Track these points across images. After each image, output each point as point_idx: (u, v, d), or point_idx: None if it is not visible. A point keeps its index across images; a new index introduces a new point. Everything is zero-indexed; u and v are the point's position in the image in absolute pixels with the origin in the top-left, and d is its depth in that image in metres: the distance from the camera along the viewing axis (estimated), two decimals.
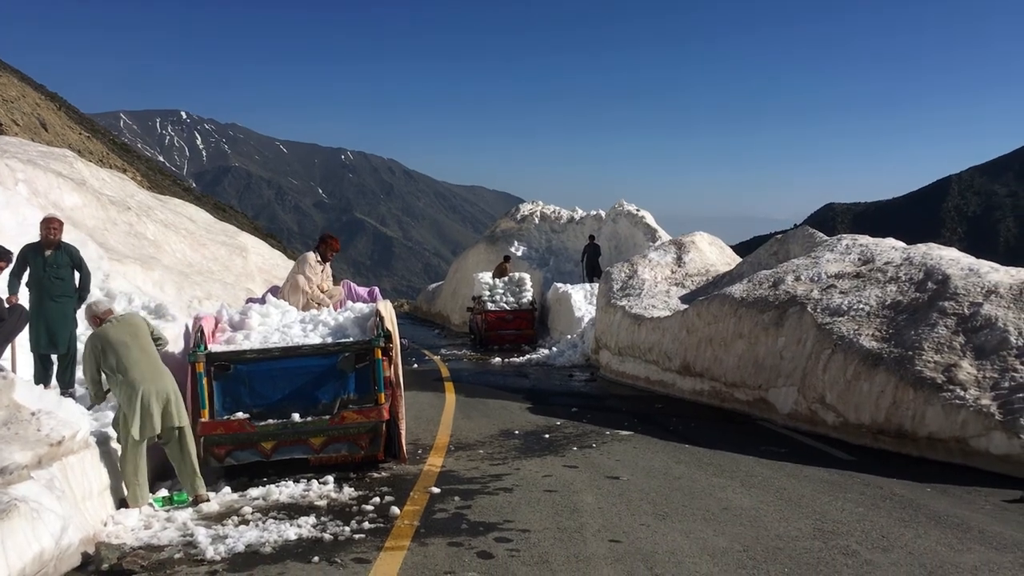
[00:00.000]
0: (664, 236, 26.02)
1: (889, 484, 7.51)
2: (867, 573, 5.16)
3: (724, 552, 5.62)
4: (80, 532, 5.77)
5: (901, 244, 12.52)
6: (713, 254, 19.40)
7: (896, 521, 6.32)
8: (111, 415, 7.79)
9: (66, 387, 8.70)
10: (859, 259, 12.06)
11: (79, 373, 9.18)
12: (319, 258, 10.19)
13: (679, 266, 18.46)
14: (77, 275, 9.00)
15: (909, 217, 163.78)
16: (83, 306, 8.16)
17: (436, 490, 7.46)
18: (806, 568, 5.27)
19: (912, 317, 9.89)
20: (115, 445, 7.17)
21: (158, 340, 7.59)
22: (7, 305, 7.97)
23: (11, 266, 8.42)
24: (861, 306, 10.55)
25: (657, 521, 6.41)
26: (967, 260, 10.96)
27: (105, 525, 6.43)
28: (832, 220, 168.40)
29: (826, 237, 14.25)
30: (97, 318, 7.47)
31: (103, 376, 7.32)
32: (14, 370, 7.89)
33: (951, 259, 10.94)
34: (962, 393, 8.46)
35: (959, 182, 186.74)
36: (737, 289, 12.86)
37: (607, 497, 7.17)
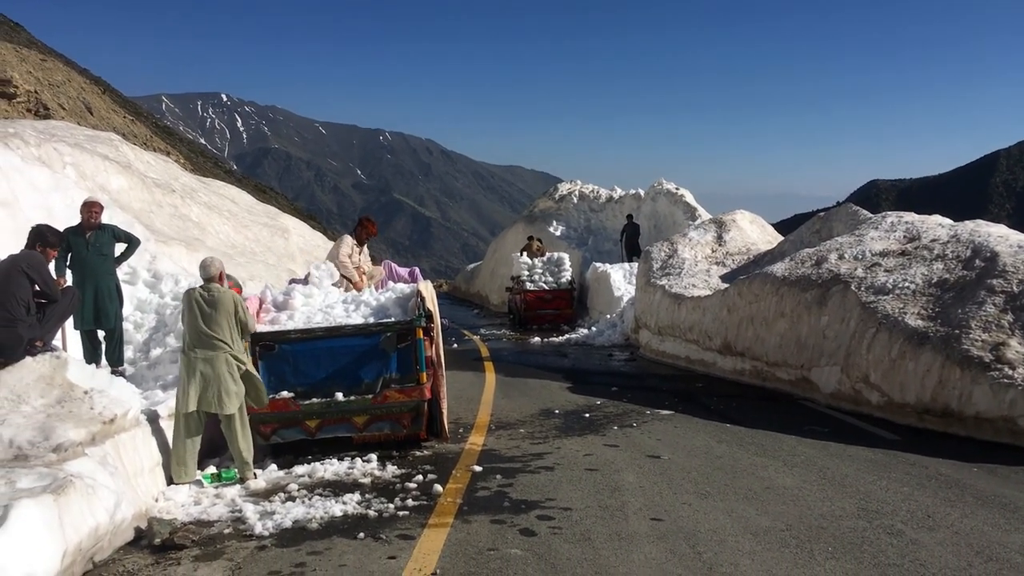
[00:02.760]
0: (704, 215, 25.80)
1: (935, 464, 7.43)
2: (912, 552, 5.13)
3: (767, 531, 5.61)
4: (133, 507, 5.92)
5: (948, 221, 12.30)
6: (754, 232, 19.20)
7: (942, 501, 6.26)
8: (160, 394, 7.96)
9: (115, 365, 8.90)
10: (904, 236, 11.88)
11: (128, 352, 9.40)
12: (355, 241, 10.33)
13: (719, 245, 18.30)
14: (122, 247, 9.20)
15: (956, 193, 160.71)
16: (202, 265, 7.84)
17: (478, 468, 7.53)
18: (850, 547, 5.25)
19: (959, 295, 9.73)
20: (164, 423, 7.32)
21: (243, 326, 7.56)
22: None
23: None
24: (906, 284, 10.40)
25: (699, 500, 6.41)
26: (1016, 237, 10.74)
27: (156, 501, 6.59)
28: (876, 197, 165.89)
29: (870, 214, 14.03)
30: (209, 278, 7.53)
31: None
32: (64, 350, 8.08)
33: (999, 236, 10.74)
34: (1010, 372, 8.32)
35: (1008, 157, 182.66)
36: (779, 268, 12.74)
37: (648, 476, 7.19)
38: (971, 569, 4.83)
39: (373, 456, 7.99)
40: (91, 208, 9.00)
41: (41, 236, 7.38)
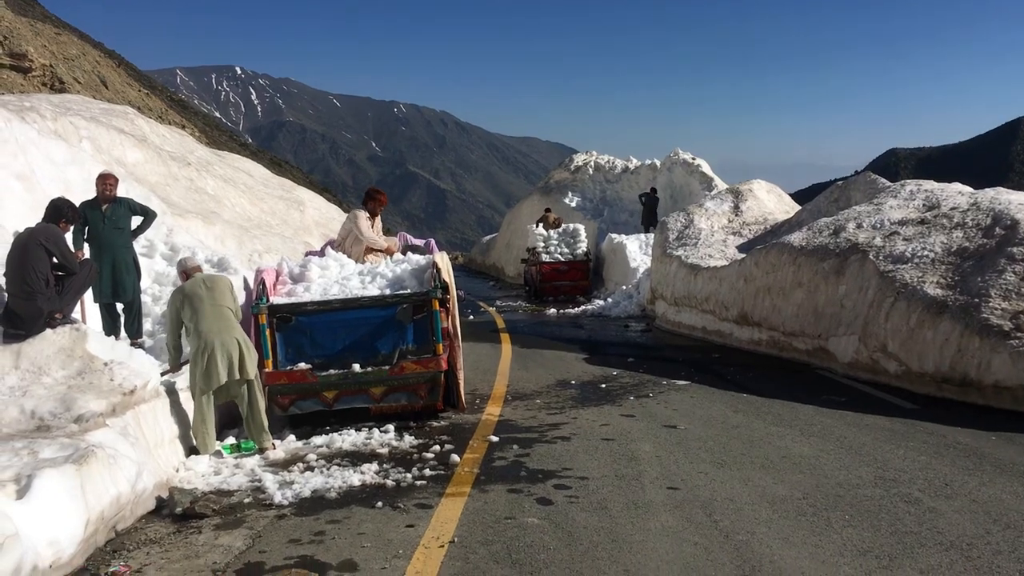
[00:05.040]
0: (720, 185, 25.63)
1: (953, 433, 7.40)
2: (930, 520, 5.12)
3: (784, 499, 5.62)
4: (154, 477, 5.99)
5: (968, 189, 12.17)
6: (771, 202, 19.06)
7: (960, 469, 6.24)
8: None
9: (135, 337, 8.97)
10: (924, 205, 11.77)
11: (147, 324, 9.47)
12: (368, 214, 10.30)
13: (736, 215, 18.19)
14: (138, 220, 9.24)
15: (976, 161, 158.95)
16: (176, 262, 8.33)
17: (495, 438, 7.56)
18: (867, 515, 5.25)
19: (979, 264, 9.64)
20: (183, 395, 7.39)
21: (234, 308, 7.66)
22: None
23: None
24: (925, 253, 10.31)
25: (715, 469, 6.42)
26: None
27: (177, 471, 6.66)
28: (895, 166, 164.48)
29: (889, 183, 13.89)
30: (185, 273, 7.72)
31: (183, 332, 7.54)
32: (84, 322, 8.14)
33: (1020, 203, 10.61)
34: None
35: None
36: (796, 237, 12.65)
37: (665, 446, 7.20)
38: (989, 536, 4.82)
39: (390, 427, 8.05)
40: (106, 180, 9.03)
41: (59, 210, 7.42)
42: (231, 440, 7.69)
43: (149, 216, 9.36)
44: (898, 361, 9.68)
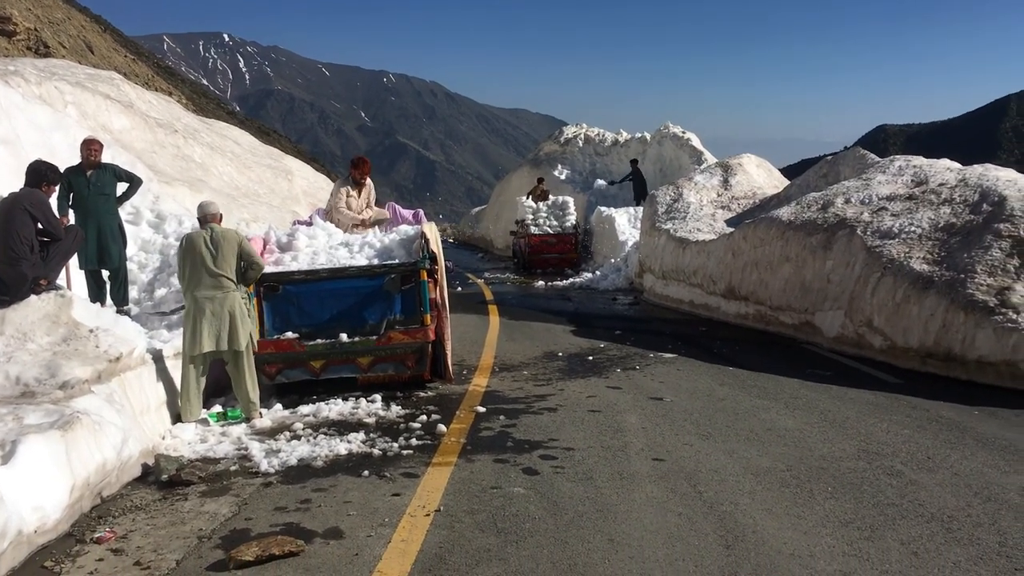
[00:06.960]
0: (710, 159, 25.57)
1: (936, 407, 7.46)
2: (911, 493, 5.17)
3: (767, 471, 5.66)
4: (140, 444, 5.98)
5: (956, 165, 12.18)
6: (760, 177, 19.05)
7: (942, 443, 6.30)
8: (165, 334, 8.00)
9: (120, 305, 8.92)
10: (912, 181, 11.78)
11: (132, 292, 9.41)
12: (351, 187, 10.21)
13: (725, 189, 18.17)
14: (124, 186, 9.15)
15: (965, 138, 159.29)
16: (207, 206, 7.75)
17: (482, 409, 7.58)
18: (850, 487, 5.30)
19: (965, 240, 9.68)
20: (169, 363, 7.36)
21: (251, 264, 7.53)
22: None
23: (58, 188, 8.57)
24: (913, 229, 10.34)
25: (700, 441, 6.46)
26: None
27: (163, 439, 6.66)
28: (884, 142, 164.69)
29: (878, 159, 13.89)
30: (202, 219, 7.54)
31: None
32: (69, 289, 8.08)
33: (1008, 180, 10.64)
34: (1015, 316, 8.31)
35: (1018, 102, 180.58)
36: (785, 212, 12.66)
37: (650, 417, 7.23)
38: (969, 509, 4.88)
39: (377, 396, 8.06)
40: (90, 146, 8.93)
41: (40, 174, 7.30)
42: (217, 408, 7.68)
43: (135, 183, 9.28)
44: (883, 336, 9.74)
